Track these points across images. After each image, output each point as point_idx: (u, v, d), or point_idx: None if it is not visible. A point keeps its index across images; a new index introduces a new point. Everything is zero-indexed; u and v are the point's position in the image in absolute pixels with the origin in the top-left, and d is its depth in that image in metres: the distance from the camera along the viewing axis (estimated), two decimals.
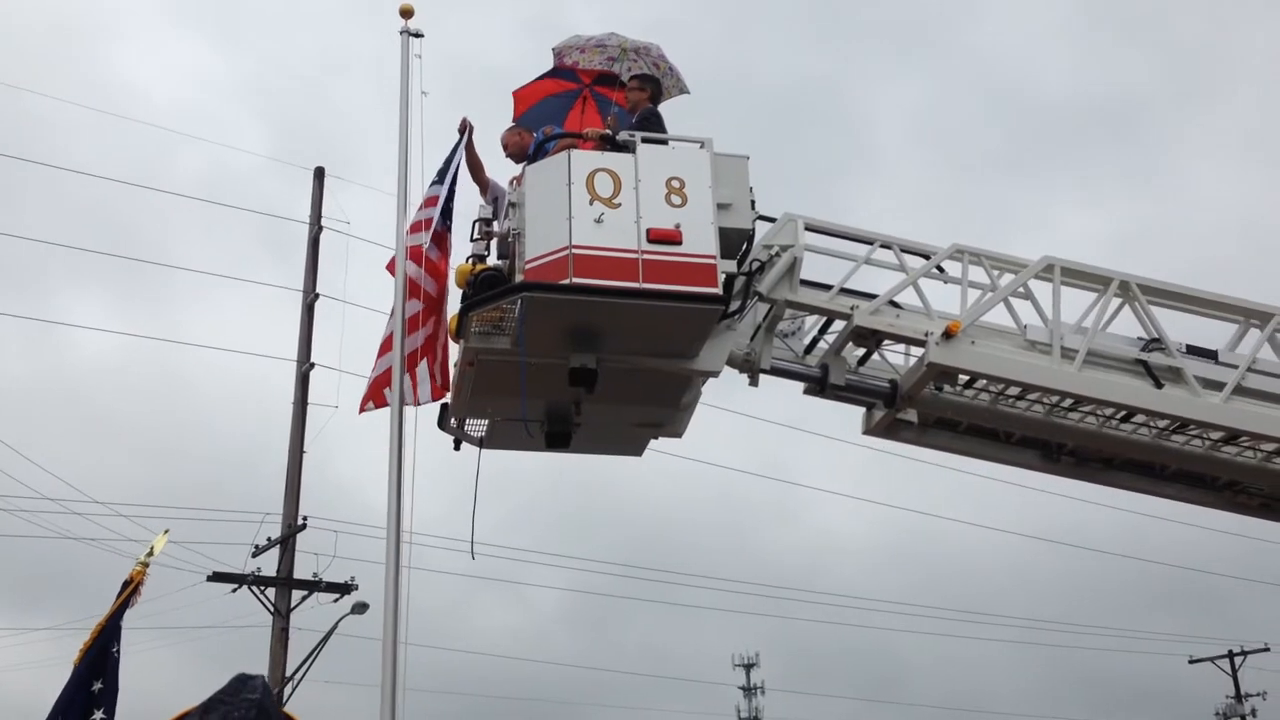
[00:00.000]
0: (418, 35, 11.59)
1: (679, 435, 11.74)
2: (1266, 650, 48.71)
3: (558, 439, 11.19)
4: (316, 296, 26.40)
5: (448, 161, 11.65)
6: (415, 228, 11.36)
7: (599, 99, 11.95)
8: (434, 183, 11.56)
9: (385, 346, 11.43)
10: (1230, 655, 49.60)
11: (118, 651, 8.25)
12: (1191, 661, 49.77)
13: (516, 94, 12.08)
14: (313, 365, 25.74)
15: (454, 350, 11.22)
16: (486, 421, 11.58)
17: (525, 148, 11.31)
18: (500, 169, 11.73)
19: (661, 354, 10.40)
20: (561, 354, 10.22)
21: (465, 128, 11.59)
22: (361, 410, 11.40)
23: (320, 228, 27.00)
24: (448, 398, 11.39)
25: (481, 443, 11.69)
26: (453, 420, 11.55)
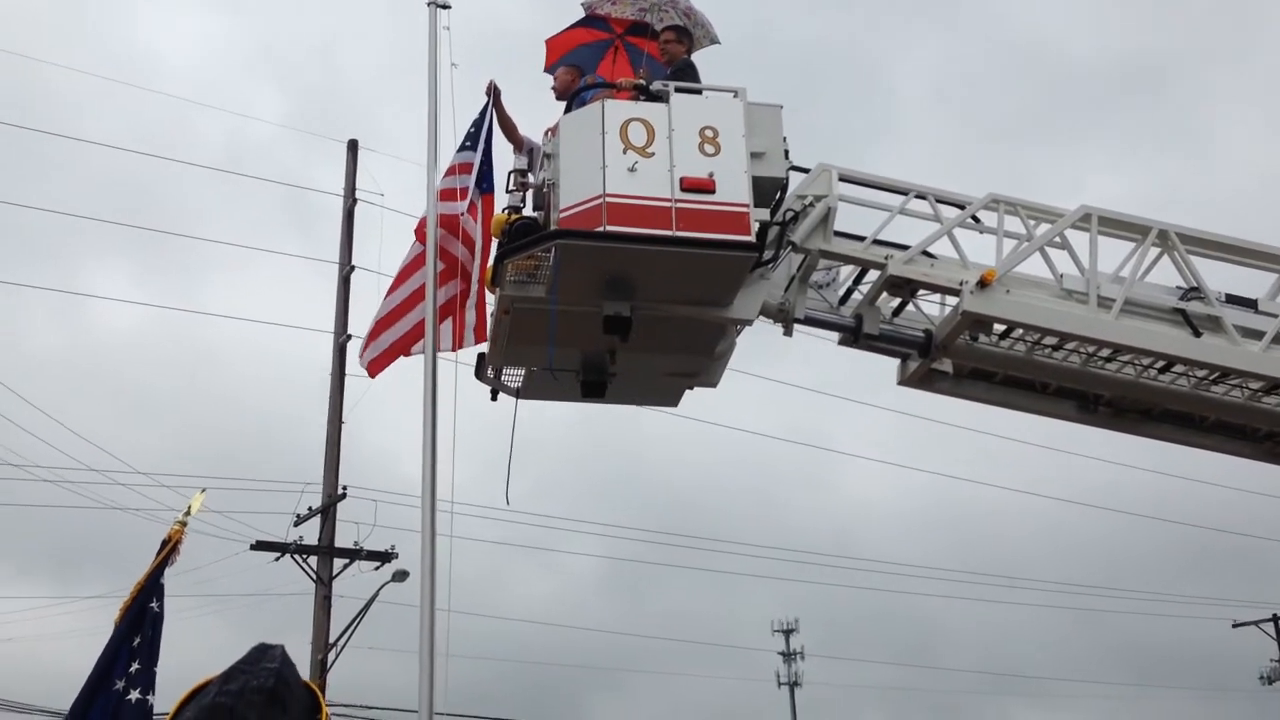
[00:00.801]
0: (445, 6, 11.68)
1: (714, 385, 11.81)
2: None
3: (593, 388, 11.28)
4: (353, 269, 26.57)
5: (476, 126, 11.76)
6: (445, 195, 11.49)
7: (630, 49, 12.00)
8: (462, 148, 11.68)
9: (395, 312, 11.67)
10: (1275, 619, 49.24)
11: (158, 607, 8.38)
12: (1235, 625, 49.43)
13: (549, 42, 12.15)
14: (350, 337, 25.92)
15: (491, 301, 11.36)
16: (523, 372, 11.70)
17: (575, 86, 11.41)
18: (533, 126, 11.84)
19: (695, 302, 10.45)
20: (596, 302, 10.29)
21: (492, 90, 11.69)
22: (372, 375, 11.67)
23: (355, 200, 27.16)
24: (484, 348, 11.53)
25: (518, 393, 11.82)
26: (489, 370, 11.67)
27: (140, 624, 8.19)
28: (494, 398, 11.86)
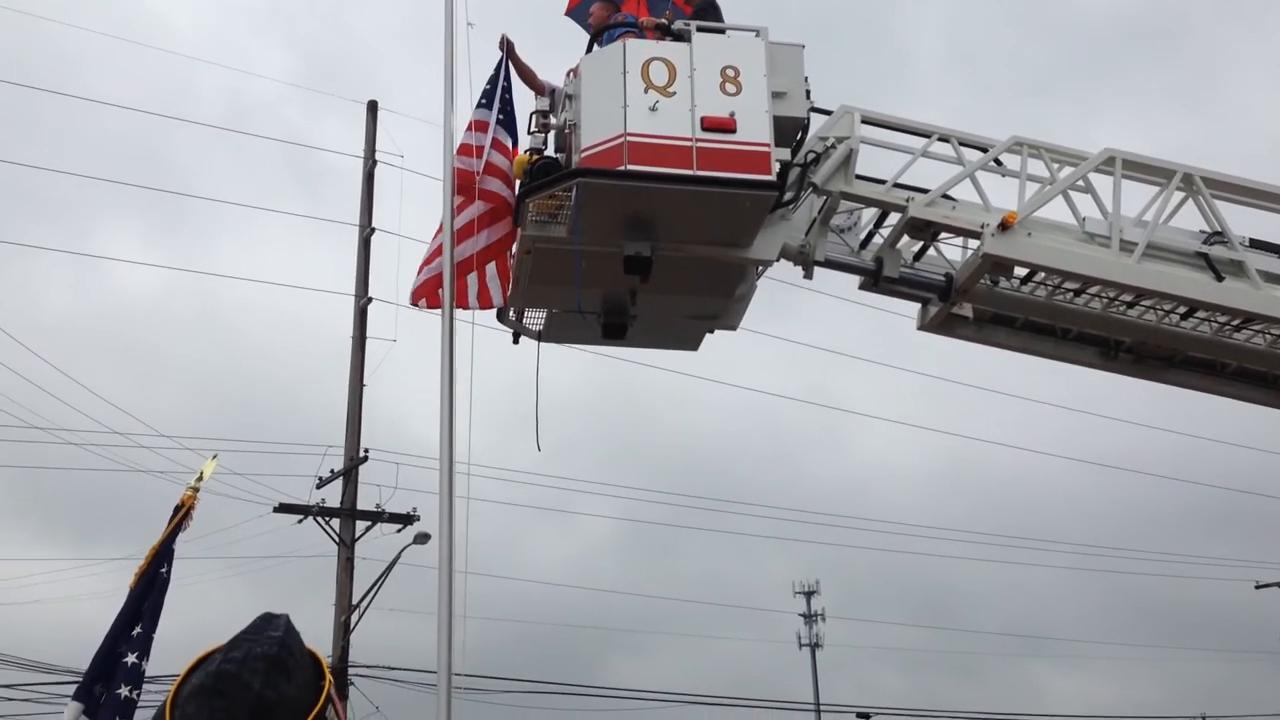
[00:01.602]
0: None
1: (734, 328, 11.83)
2: None
3: (614, 330, 11.34)
4: (373, 231, 26.52)
5: (492, 83, 11.75)
6: (463, 151, 11.49)
7: None
8: (479, 105, 11.68)
9: (438, 250, 11.63)
10: None
11: (167, 572, 8.44)
12: (1258, 587, 49.29)
13: None
14: (370, 300, 25.93)
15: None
16: (545, 314, 11.75)
17: (608, 20, 11.41)
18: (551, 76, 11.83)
19: (715, 242, 10.48)
20: (616, 242, 10.33)
21: (505, 44, 11.69)
22: (414, 302, 11.62)
23: (374, 161, 27.07)
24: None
25: (540, 336, 11.88)
26: (511, 313, 11.72)
27: (151, 588, 8.26)
28: (515, 340, 11.94)
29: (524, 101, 11.77)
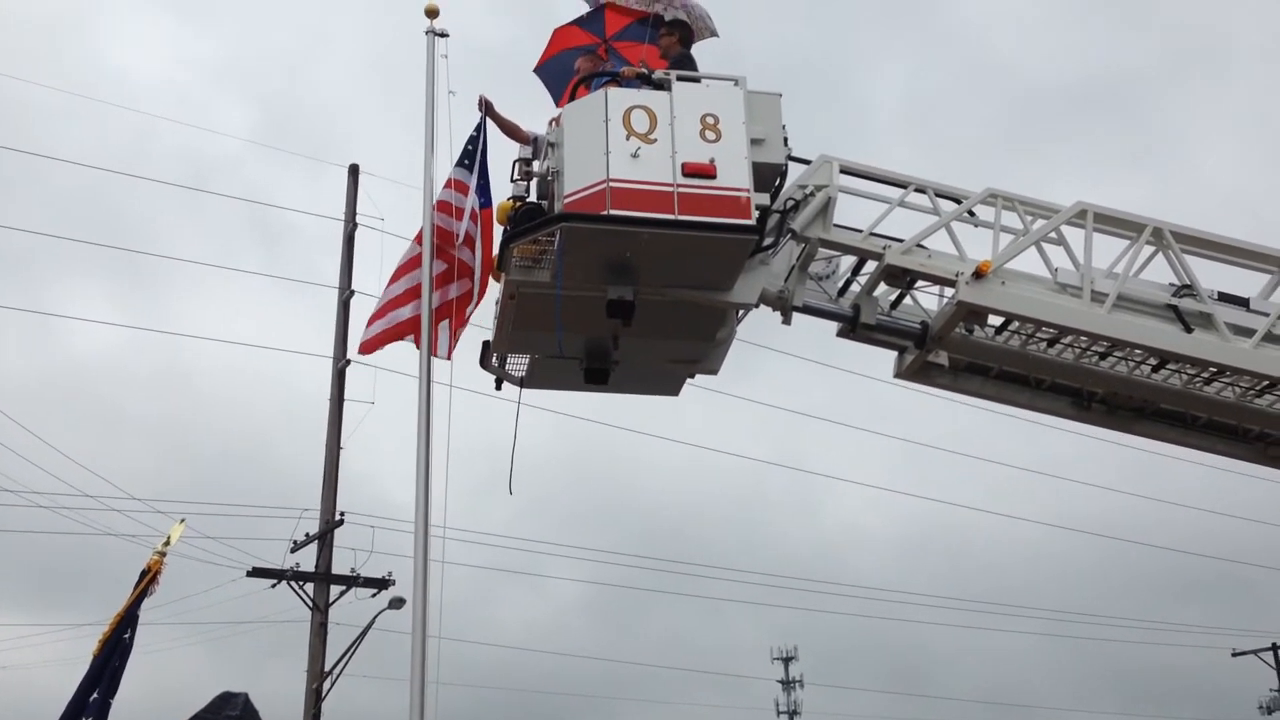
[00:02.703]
0: (443, 35, 11.92)
1: (714, 372, 11.99)
2: None
3: (596, 375, 11.48)
4: (352, 293, 26.66)
5: (474, 143, 12.03)
6: (442, 208, 11.78)
7: (614, 55, 12.30)
8: (460, 165, 11.97)
9: (395, 301, 11.95)
10: (1275, 648, 49.20)
11: (130, 638, 8.44)
12: (1235, 655, 49.38)
13: (555, 32, 12.47)
14: (349, 362, 25.95)
15: (496, 289, 11.58)
16: (527, 360, 11.89)
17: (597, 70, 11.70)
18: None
19: (697, 285, 10.66)
20: (599, 287, 10.49)
21: (484, 104, 11.97)
22: (363, 353, 11.98)
23: (355, 225, 27.29)
24: (488, 336, 11.74)
25: (522, 381, 12.01)
26: (494, 358, 11.85)
27: (114, 654, 8.25)
28: (498, 386, 12.06)
29: (507, 154, 12.05)
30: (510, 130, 12.03)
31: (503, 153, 12.08)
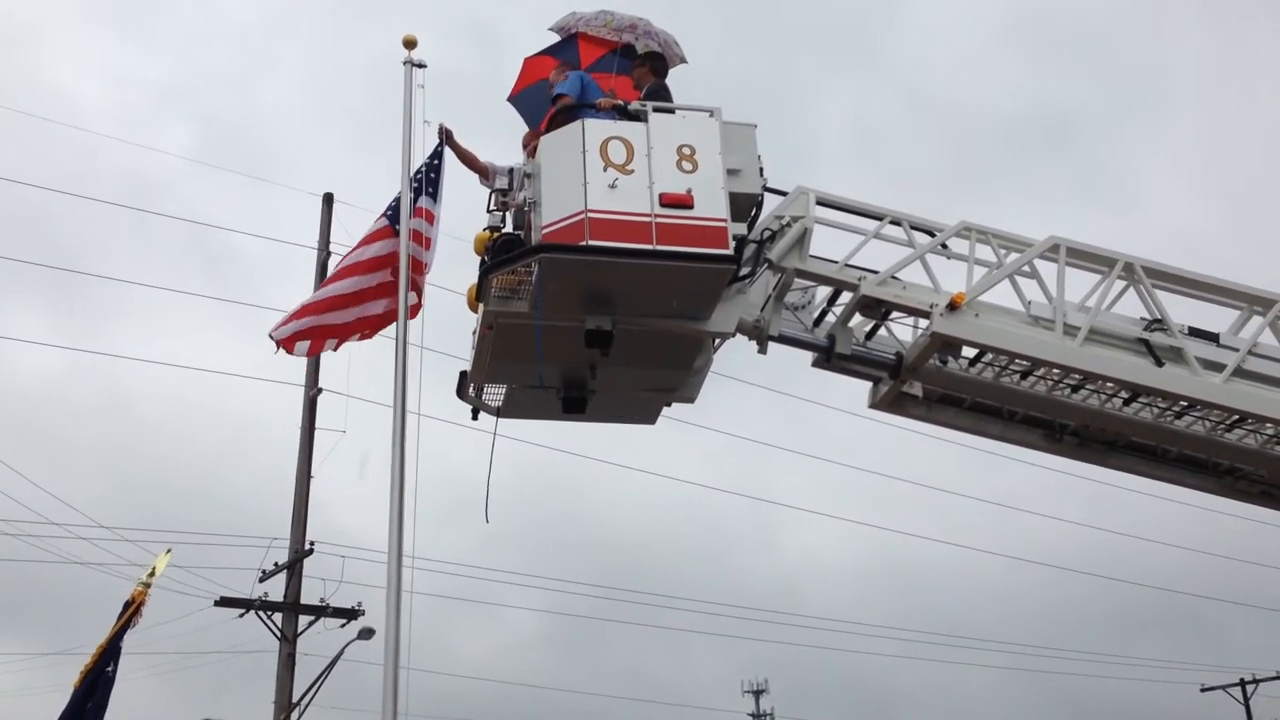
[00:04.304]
0: (421, 65, 12.00)
1: (691, 400, 12.04)
2: (1279, 679, 48.55)
3: (574, 404, 11.53)
4: None
5: (434, 170, 12.13)
6: (414, 237, 11.90)
7: (591, 86, 12.37)
8: (425, 194, 12.08)
9: (330, 302, 12.09)
10: (1242, 683, 49.35)
11: (113, 671, 8.38)
12: (1204, 689, 49.51)
13: (526, 61, 12.57)
14: (320, 390, 25.92)
15: (472, 319, 11.61)
16: (504, 390, 11.92)
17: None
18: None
19: (675, 315, 10.72)
20: (577, 317, 10.55)
21: (444, 133, 12.07)
22: (272, 336, 12.12)
23: (329, 253, 27.27)
24: (466, 366, 11.78)
25: (499, 411, 12.04)
26: (471, 388, 11.88)
27: (95, 687, 8.19)
28: (475, 416, 12.10)
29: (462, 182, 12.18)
30: (469, 161, 12.11)
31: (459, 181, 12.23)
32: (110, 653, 8.62)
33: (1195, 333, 12.33)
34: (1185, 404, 12.17)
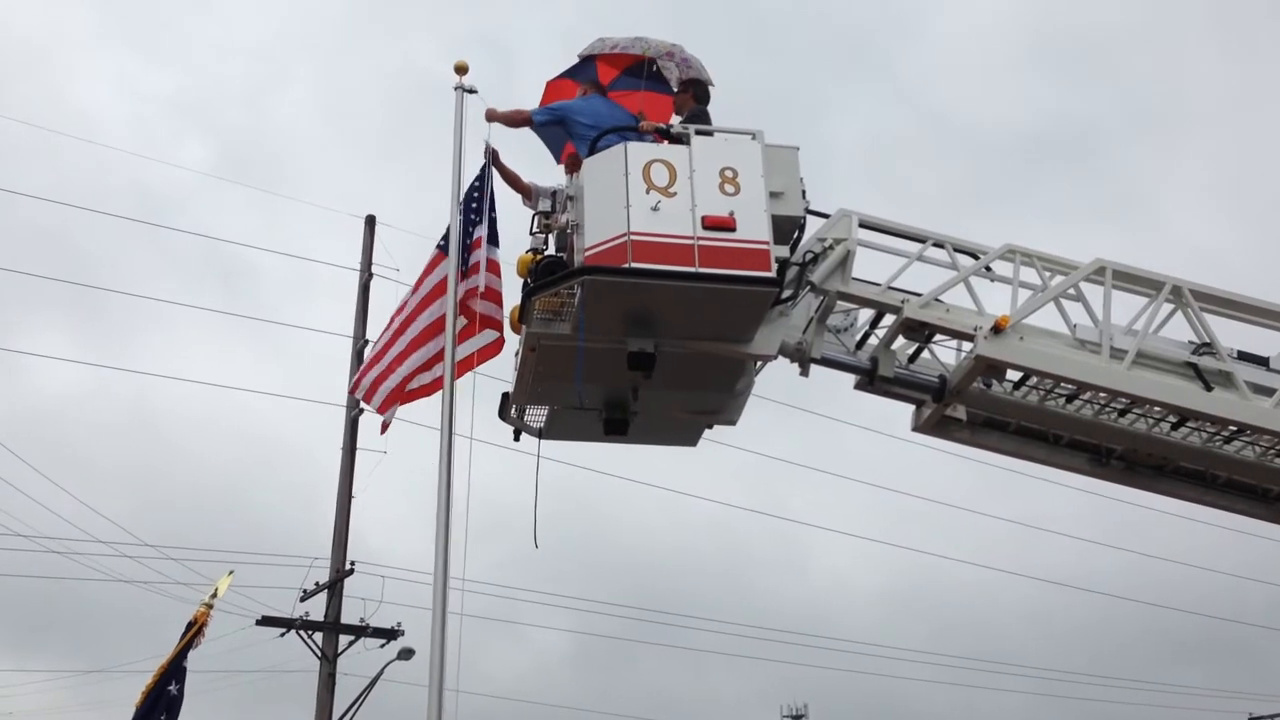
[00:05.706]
0: (472, 91, 12.02)
1: (733, 423, 12.03)
2: None
3: (616, 426, 11.53)
4: (366, 342, 26.68)
5: (479, 193, 12.12)
6: (473, 270, 11.93)
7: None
8: (473, 221, 12.08)
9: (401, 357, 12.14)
10: None
11: (176, 690, 8.44)
12: (1252, 719, 48.71)
13: (549, 84, 12.54)
14: (362, 410, 25.92)
15: (514, 340, 11.65)
16: (546, 411, 11.94)
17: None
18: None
19: (717, 338, 10.71)
20: (620, 339, 10.56)
21: (490, 153, 12.07)
22: (379, 410, 12.13)
23: (370, 274, 27.54)
24: (507, 387, 11.82)
25: (541, 433, 12.05)
26: (513, 410, 11.90)
27: (162, 706, 8.27)
28: (516, 438, 12.10)
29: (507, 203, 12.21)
30: (513, 181, 12.17)
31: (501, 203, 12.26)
32: (173, 672, 8.68)
33: (1244, 356, 12.20)
34: (1235, 429, 12.03)
